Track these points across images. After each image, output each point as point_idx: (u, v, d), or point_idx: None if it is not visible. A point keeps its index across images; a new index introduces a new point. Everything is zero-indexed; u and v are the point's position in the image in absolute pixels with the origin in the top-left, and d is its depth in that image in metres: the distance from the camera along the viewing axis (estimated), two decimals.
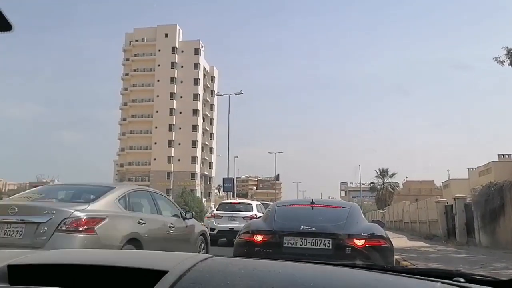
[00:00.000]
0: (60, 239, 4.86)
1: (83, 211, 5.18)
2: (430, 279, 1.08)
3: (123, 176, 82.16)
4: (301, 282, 0.96)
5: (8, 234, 5.00)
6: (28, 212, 5.14)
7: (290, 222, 5.48)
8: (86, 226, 5.06)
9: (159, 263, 1.00)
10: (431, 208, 19.73)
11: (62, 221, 4.97)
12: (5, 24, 0.59)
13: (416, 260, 9.64)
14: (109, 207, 5.59)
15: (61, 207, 5.20)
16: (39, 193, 6.10)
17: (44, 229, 4.92)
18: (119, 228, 5.51)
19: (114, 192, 5.88)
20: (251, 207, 14.48)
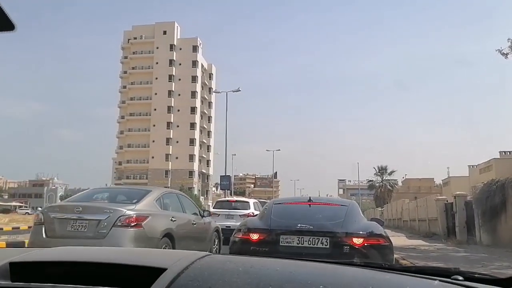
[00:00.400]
0: (117, 233, 6.05)
1: (132, 210, 6.34)
2: (428, 277, 1.09)
3: (121, 174, 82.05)
4: (299, 280, 0.98)
5: (74, 228, 6.18)
6: (90, 211, 6.31)
7: (287, 220, 5.33)
8: (135, 222, 6.22)
9: (158, 261, 1.01)
10: (430, 206, 19.57)
11: (118, 218, 6.12)
12: (8, 23, 0.61)
13: (415, 259, 9.48)
14: (150, 207, 6.72)
15: (116, 207, 6.34)
16: (92, 195, 7.35)
17: (104, 225, 6.09)
18: (158, 224, 6.65)
19: (152, 195, 7.02)
20: (248, 205, 14.31)
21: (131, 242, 6.05)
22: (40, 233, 6.34)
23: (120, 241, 5.96)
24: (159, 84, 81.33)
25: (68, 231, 6.17)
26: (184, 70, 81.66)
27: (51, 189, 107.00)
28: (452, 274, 1.12)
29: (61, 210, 6.52)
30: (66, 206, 6.74)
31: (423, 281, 1.07)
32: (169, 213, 7.15)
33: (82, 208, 6.31)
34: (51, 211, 6.57)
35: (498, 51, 13.45)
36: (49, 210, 6.69)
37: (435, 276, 1.10)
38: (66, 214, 6.32)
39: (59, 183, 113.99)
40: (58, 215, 6.37)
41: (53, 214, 6.41)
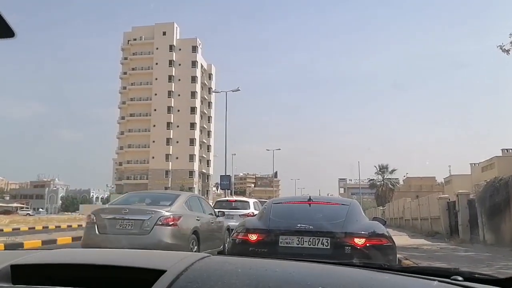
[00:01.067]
0: (158, 230, 7.23)
1: (169, 211, 7.54)
2: (427, 278, 1.09)
3: (122, 174, 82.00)
4: (298, 281, 0.98)
5: (122, 226, 7.33)
6: (135, 213, 7.47)
7: (286, 220, 5.18)
8: (172, 222, 7.40)
9: (157, 263, 1.01)
10: (432, 205, 19.41)
11: (158, 218, 7.31)
12: (8, 31, 0.62)
13: (418, 259, 9.32)
14: (181, 209, 7.95)
15: (156, 209, 7.52)
16: (131, 199, 8.73)
17: (147, 224, 7.26)
18: (188, 223, 7.88)
19: (181, 198, 8.32)
20: (248, 205, 14.16)
21: (169, 238, 7.30)
22: (94, 230, 7.50)
23: (161, 237, 7.22)
24: (159, 85, 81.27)
25: (117, 229, 7.33)
26: (183, 70, 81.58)
27: (52, 190, 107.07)
28: (451, 274, 1.12)
29: (111, 212, 7.73)
30: (114, 208, 7.91)
31: (422, 282, 1.07)
32: (194, 214, 8.41)
33: (128, 210, 7.51)
34: (102, 213, 7.76)
35: (499, 47, 13.24)
36: (99, 212, 7.84)
37: (434, 277, 1.10)
38: (115, 215, 7.52)
39: (60, 184, 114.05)
40: (108, 216, 7.57)
41: (103, 215, 7.62)
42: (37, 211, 76.69)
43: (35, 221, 28.28)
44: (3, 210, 65.16)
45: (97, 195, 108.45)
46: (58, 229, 20.51)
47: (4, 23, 0.61)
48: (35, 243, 11.23)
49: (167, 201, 8.15)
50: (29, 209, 74.47)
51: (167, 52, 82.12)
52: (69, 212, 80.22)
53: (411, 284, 1.05)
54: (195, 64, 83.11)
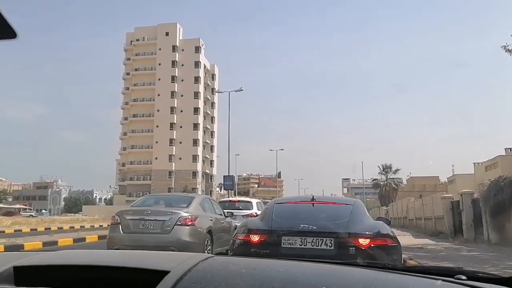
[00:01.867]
0: (178, 230, 7.85)
1: (187, 212, 8.16)
2: (431, 277, 1.09)
3: (125, 175, 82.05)
4: (302, 281, 0.97)
5: (145, 226, 7.94)
6: (157, 214, 8.07)
7: (289, 220, 5.09)
8: (190, 222, 8.02)
9: (161, 263, 1.02)
10: (436, 204, 19.31)
11: (178, 219, 7.93)
12: (10, 32, 0.63)
13: (422, 258, 9.25)
14: (197, 210, 8.54)
15: (176, 211, 8.14)
16: (150, 201, 9.43)
17: (168, 224, 7.87)
18: (204, 223, 8.48)
19: (196, 200, 8.97)
20: (251, 205, 14.08)
21: (187, 237, 7.91)
22: (118, 230, 8.11)
23: (180, 236, 7.83)
24: (162, 85, 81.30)
25: (140, 229, 7.95)
26: (186, 71, 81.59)
27: (55, 191, 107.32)
28: (455, 274, 1.11)
29: (134, 213, 8.31)
30: (137, 210, 8.47)
31: (426, 281, 1.06)
32: (208, 214, 9.01)
33: (150, 212, 8.14)
34: (125, 214, 8.32)
35: (503, 48, 13.08)
36: (123, 213, 8.39)
37: (438, 276, 1.10)
38: (138, 216, 8.13)
39: (63, 185, 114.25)
40: (131, 217, 8.17)
41: (127, 216, 8.20)
42: (40, 212, 76.78)
43: (37, 222, 28.33)
44: (6, 211, 65.35)
45: (100, 196, 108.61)
46: (60, 230, 20.52)
47: (6, 24, 0.62)
48: (35, 244, 11.21)
49: (184, 203, 8.75)
50: (32, 210, 74.58)
51: (170, 53, 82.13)
52: (72, 213, 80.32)
53: (415, 284, 1.04)
54: (198, 65, 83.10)
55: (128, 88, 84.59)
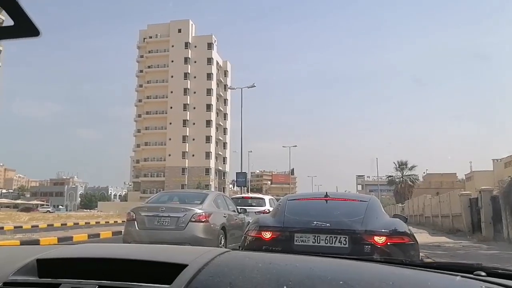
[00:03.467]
0: (192, 226, 7.94)
1: (201, 209, 8.26)
2: (449, 273, 1.08)
3: (139, 172, 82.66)
4: (318, 276, 0.98)
5: (159, 223, 8.05)
6: (171, 211, 8.19)
7: (301, 217, 4.92)
8: (204, 219, 8.10)
9: (179, 257, 1.04)
10: (454, 202, 19.06)
11: (192, 215, 8.02)
12: (33, 30, 0.65)
13: (440, 257, 9.05)
14: (210, 206, 8.61)
15: (190, 207, 8.23)
16: (164, 198, 9.43)
17: (182, 220, 7.98)
18: (217, 219, 8.55)
19: (210, 197, 8.99)
20: (263, 202, 13.98)
21: (202, 233, 7.99)
22: (134, 226, 8.22)
23: (194, 232, 7.91)
24: (175, 82, 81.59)
25: (155, 225, 8.06)
26: (199, 67, 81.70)
27: (72, 187, 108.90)
28: (474, 270, 1.10)
29: (149, 210, 8.41)
30: (152, 207, 8.56)
31: (444, 277, 1.06)
32: (222, 211, 9.08)
33: (165, 208, 8.26)
34: (140, 211, 8.42)
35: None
36: (138, 210, 8.49)
37: (457, 272, 1.08)
38: (152, 212, 8.23)
39: (79, 181, 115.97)
40: (146, 213, 8.26)
41: (142, 213, 8.31)
42: (57, 208, 77.95)
43: (54, 218, 28.65)
44: (24, 207, 66.40)
45: (115, 193, 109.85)
46: (75, 226, 20.74)
47: (30, 22, 0.64)
48: (51, 240, 11.26)
49: (198, 199, 8.84)
50: (49, 206, 75.69)
51: (183, 50, 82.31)
52: (88, 209, 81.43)
53: (433, 279, 1.04)
54: (211, 61, 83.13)
55: (142, 85, 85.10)
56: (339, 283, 0.90)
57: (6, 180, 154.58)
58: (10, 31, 0.65)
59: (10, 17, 0.63)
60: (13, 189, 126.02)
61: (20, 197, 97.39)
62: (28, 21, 0.64)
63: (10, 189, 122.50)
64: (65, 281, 0.96)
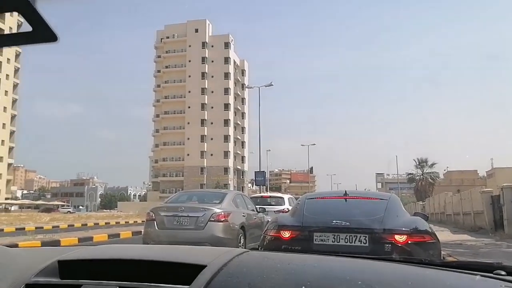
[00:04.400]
0: (212, 225, 7.92)
1: (220, 209, 8.23)
2: (469, 272, 1.07)
3: (158, 172, 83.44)
4: (337, 276, 0.98)
5: (179, 222, 8.06)
6: (190, 210, 8.18)
7: (320, 216, 4.90)
8: (223, 218, 8.08)
9: (198, 258, 1.04)
10: (475, 199, 18.80)
11: (211, 215, 7.99)
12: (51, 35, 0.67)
13: (462, 255, 8.89)
14: (229, 206, 8.61)
15: (209, 207, 8.22)
16: (183, 197, 9.47)
17: (202, 220, 7.96)
18: (237, 218, 8.53)
19: (228, 196, 8.97)
20: (282, 201, 13.99)
21: (221, 232, 7.97)
22: (153, 226, 8.25)
23: (214, 232, 7.90)
24: (192, 82, 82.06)
25: (174, 225, 8.07)
26: (216, 67, 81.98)
27: (91, 188, 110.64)
28: (494, 269, 1.08)
29: (168, 209, 8.43)
30: (171, 207, 8.59)
31: (464, 276, 1.05)
32: (241, 210, 9.09)
33: (184, 208, 8.27)
34: (159, 211, 8.46)
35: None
36: (157, 210, 8.54)
37: (476, 271, 1.07)
38: (172, 212, 8.26)
39: (98, 182, 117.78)
40: (165, 213, 8.28)
41: (161, 213, 8.34)
42: (77, 208, 79.35)
43: (74, 218, 29.12)
44: (45, 208, 67.78)
45: (134, 193, 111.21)
46: (95, 226, 21.01)
47: (48, 28, 0.65)
48: (71, 240, 11.43)
49: (217, 199, 8.83)
50: (69, 207, 77.05)
51: (200, 49, 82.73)
52: (108, 209, 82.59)
53: (452, 279, 1.03)
54: (228, 61, 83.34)
55: (159, 85, 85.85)
56: (357, 283, 0.89)
57: (27, 181, 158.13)
58: (29, 37, 0.67)
59: (28, 23, 0.65)
60: (34, 190, 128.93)
61: (41, 198, 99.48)
62: (46, 27, 0.66)
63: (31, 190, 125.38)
64: (86, 282, 0.98)
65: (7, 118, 70.70)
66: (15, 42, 0.70)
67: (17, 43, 0.70)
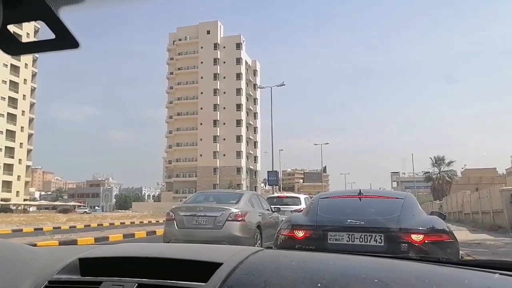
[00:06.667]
0: (229, 225, 8.14)
1: (237, 208, 8.44)
2: (488, 271, 1.06)
3: (171, 172, 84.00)
4: (353, 274, 0.97)
5: (198, 222, 8.28)
6: (209, 210, 8.40)
7: (334, 215, 4.82)
8: (241, 217, 8.28)
9: (214, 256, 1.05)
10: (494, 198, 18.46)
11: (229, 214, 8.21)
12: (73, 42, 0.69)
13: (481, 255, 8.68)
14: (246, 206, 8.80)
15: (227, 207, 8.42)
16: (201, 198, 9.61)
17: (220, 220, 8.18)
18: (253, 218, 8.75)
19: (245, 196, 9.17)
20: (299, 201, 14.02)
21: (238, 232, 8.16)
22: (173, 225, 8.50)
23: (232, 231, 8.09)
24: (205, 83, 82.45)
25: (193, 224, 8.30)
26: (228, 68, 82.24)
27: (107, 188, 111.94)
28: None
29: (187, 209, 8.65)
30: (190, 207, 8.81)
31: (482, 275, 1.03)
32: (257, 210, 9.27)
33: (203, 208, 8.51)
34: (179, 211, 8.67)
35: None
36: (177, 210, 8.76)
37: (495, 270, 1.05)
38: (191, 212, 8.48)
39: (113, 183, 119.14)
40: (185, 213, 8.52)
41: (181, 213, 8.56)
42: (93, 209, 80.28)
43: (90, 219, 29.46)
44: (62, 208, 68.84)
45: (148, 193, 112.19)
46: (111, 226, 21.20)
47: (70, 35, 0.67)
48: (88, 240, 11.53)
49: (233, 199, 9.03)
50: (86, 207, 78.07)
51: (212, 51, 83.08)
52: (123, 209, 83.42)
53: (471, 277, 1.01)
54: (240, 61, 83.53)
55: (172, 87, 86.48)
56: (373, 281, 0.89)
57: (44, 183, 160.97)
58: (52, 44, 0.69)
59: (51, 30, 0.67)
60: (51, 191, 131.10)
61: (58, 199, 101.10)
62: (68, 35, 0.68)
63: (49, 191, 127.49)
64: (106, 279, 1.00)
65: (25, 121, 72.08)
66: (40, 49, 0.73)
67: (42, 50, 0.72)
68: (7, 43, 0.69)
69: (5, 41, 0.68)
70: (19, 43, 0.71)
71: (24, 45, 0.72)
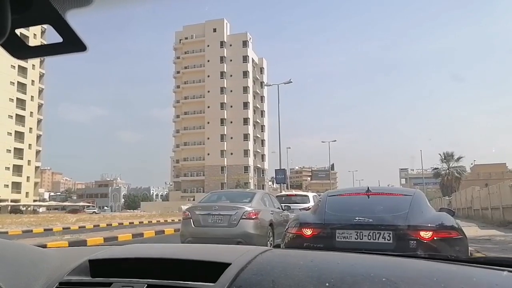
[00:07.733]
0: (244, 223, 8.45)
1: (251, 207, 8.75)
2: (496, 268, 1.06)
3: (179, 172, 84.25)
4: (361, 273, 0.97)
5: (213, 220, 8.59)
6: (224, 209, 8.72)
7: (343, 213, 4.80)
8: (255, 216, 8.60)
9: (222, 256, 1.07)
10: (504, 193, 18.32)
11: (243, 213, 8.53)
12: (80, 45, 0.69)
13: (491, 251, 8.60)
14: (259, 204, 9.11)
15: (241, 206, 8.73)
16: (215, 197, 9.89)
17: (234, 218, 8.49)
18: (266, 216, 9.06)
19: (257, 195, 9.49)
20: (307, 199, 14.09)
21: (252, 229, 8.46)
22: (190, 224, 8.80)
23: (246, 229, 8.39)
24: (211, 82, 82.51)
25: (209, 223, 8.61)
26: (235, 66, 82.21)
27: (115, 189, 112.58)
28: None
29: (203, 209, 8.97)
30: (205, 206, 9.12)
31: (490, 272, 1.03)
32: (268, 208, 9.58)
33: (218, 207, 8.82)
34: (195, 210, 9.02)
35: None
36: (193, 209, 9.12)
37: (504, 267, 1.06)
38: (206, 211, 8.78)
39: (122, 183, 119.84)
40: (201, 212, 8.82)
41: (197, 212, 8.88)
42: (102, 209, 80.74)
43: (99, 219, 29.64)
44: (71, 209, 69.30)
45: (156, 193, 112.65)
46: (120, 226, 21.32)
47: (78, 39, 0.68)
48: (97, 240, 11.60)
49: (246, 198, 9.34)
50: (95, 207, 78.52)
51: (218, 49, 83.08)
52: (131, 209, 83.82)
53: (479, 275, 1.01)
54: (246, 59, 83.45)
55: (179, 86, 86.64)
56: (381, 280, 0.89)
57: (53, 183, 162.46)
58: (60, 47, 0.70)
59: (59, 34, 0.68)
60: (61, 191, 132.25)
61: (67, 199, 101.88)
62: (75, 37, 0.68)
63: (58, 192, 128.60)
64: (116, 280, 1.02)
65: (33, 122, 72.65)
66: (48, 53, 0.74)
67: (50, 53, 0.73)
68: (16, 47, 0.70)
69: (13, 45, 0.69)
70: (27, 47, 0.72)
71: (32, 49, 0.73)
